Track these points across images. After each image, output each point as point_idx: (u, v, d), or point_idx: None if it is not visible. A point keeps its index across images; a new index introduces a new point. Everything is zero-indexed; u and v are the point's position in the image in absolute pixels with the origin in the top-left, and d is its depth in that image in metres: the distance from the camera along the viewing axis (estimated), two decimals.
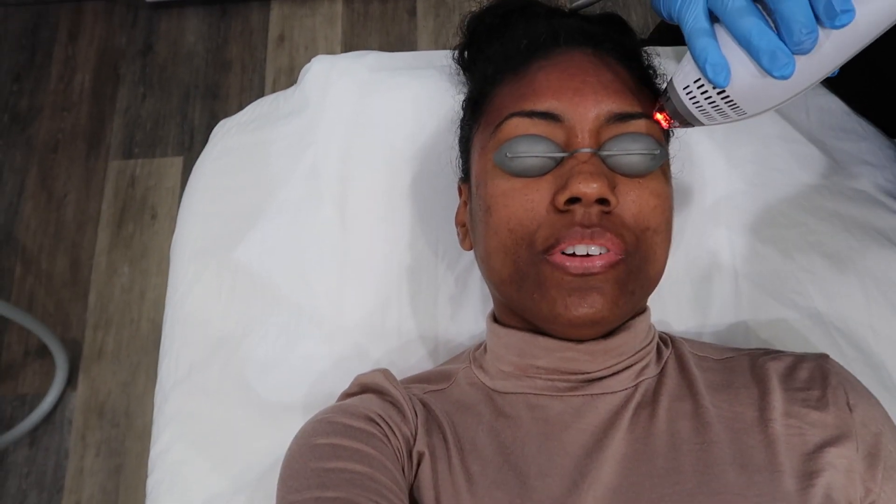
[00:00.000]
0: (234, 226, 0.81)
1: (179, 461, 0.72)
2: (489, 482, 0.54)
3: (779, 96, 0.50)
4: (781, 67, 0.45)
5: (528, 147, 0.56)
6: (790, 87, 0.49)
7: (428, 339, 0.75)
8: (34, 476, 1.38)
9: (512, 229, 0.56)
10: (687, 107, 0.52)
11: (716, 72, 0.47)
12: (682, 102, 0.52)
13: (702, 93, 0.51)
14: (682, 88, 0.52)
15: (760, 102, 0.50)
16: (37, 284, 1.51)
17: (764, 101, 0.50)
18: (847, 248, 0.76)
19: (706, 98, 0.51)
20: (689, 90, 0.51)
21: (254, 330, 0.76)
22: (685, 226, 0.78)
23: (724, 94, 0.49)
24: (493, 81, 0.63)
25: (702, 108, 0.52)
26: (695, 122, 0.54)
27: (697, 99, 0.51)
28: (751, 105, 0.50)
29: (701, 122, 0.54)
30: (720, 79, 0.47)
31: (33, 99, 1.67)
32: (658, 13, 0.54)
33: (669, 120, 0.56)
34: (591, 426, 0.56)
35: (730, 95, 0.49)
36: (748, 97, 0.49)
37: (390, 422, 0.56)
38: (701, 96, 0.51)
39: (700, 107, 0.52)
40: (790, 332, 0.74)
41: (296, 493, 0.51)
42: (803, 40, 0.44)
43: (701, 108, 0.52)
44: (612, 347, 0.58)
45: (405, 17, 1.72)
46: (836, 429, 0.55)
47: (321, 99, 0.83)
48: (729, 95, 0.49)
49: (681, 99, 0.52)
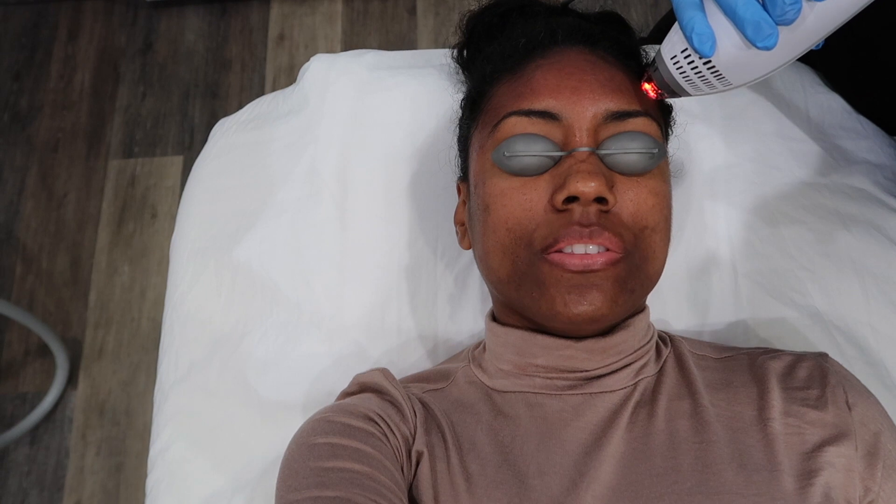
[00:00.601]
0: (233, 225, 0.81)
1: (179, 460, 0.72)
2: (488, 481, 0.54)
3: (764, 67, 0.50)
4: (765, 38, 0.46)
5: (526, 146, 0.56)
6: (775, 59, 0.49)
7: (427, 337, 0.75)
8: (35, 475, 1.38)
9: (510, 229, 0.56)
10: (674, 76, 0.53)
11: (701, 41, 0.48)
12: (670, 72, 0.53)
13: (689, 63, 0.51)
14: (670, 58, 0.52)
15: (745, 73, 0.51)
16: (37, 283, 1.52)
17: (749, 72, 0.51)
18: (846, 246, 0.76)
19: (693, 68, 0.51)
20: (676, 60, 0.52)
21: (253, 329, 0.76)
22: (684, 224, 0.77)
23: (710, 65, 0.50)
24: (492, 80, 0.63)
25: (688, 78, 0.52)
26: (681, 92, 0.54)
27: (684, 69, 0.52)
28: (736, 75, 0.51)
29: (687, 92, 0.54)
30: (706, 48, 0.48)
31: (33, 98, 1.67)
32: None
33: (657, 90, 0.56)
34: (590, 425, 0.56)
35: (716, 66, 0.50)
36: (733, 67, 0.50)
37: (389, 421, 0.56)
38: (688, 66, 0.51)
39: (687, 77, 0.52)
40: (789, 331, 0.74)
41: (295, 491, 0.51)
42: (787, 11, 0.45)
43: (687, 78, 0.52)
44: (610, 346, 0.58)
45: (405, 16, 1.72)
46: (835, 428, 0.55)
47: (320, 98, 0.83)
48: (715, 66, 0.50)
49: (668, 69, 0.53)
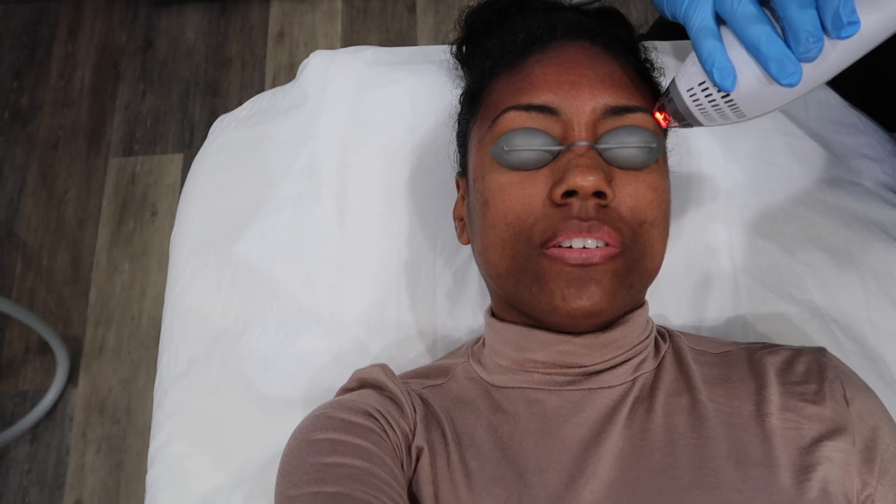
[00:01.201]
0: (233, 221, 0.81)
1: (179, 455, 0.72)
2: (487, 477, 0.54)
3: (780, 100, 0.51)
4: (789, 76, 0.46)
5: (525, 140, 0.56)
6: (792, 92, 0.50)
7: (426, 333, 0.75)
8: (35, 472, 1.38)
9: (509, 223, 0.56)
10: (689, 108, 0.53)
11: (723, 76, 0.48)
12: (685, 103, 0.53)
13: (706, 95, 0.52)
14: (686, 90, 0.53)
15: (762, 106, 0.51)
16: (38, 281, 1.52)
17: (766, 105, 0.51)
18: (846, 241, 0.76)
19: (709, 100, 0.52)
20: (692, 92, 0.52)
21: (253, 325, 0.76)
22: (683, 219, 0.77)
23: (728, 98, 0.51)
24: (491, 76, 0.63)
25: (704, 109, 0.53)
26: (695, 122, 0.55)
27: (700, 101, 0.52)
28: (752, 108, 0.51)
29: (700, 123, 0.54)
30: (727, 83, 0.48)
31: (34, 96, 1.67)
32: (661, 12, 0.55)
33: (668, 119, 0.56)
34: (589, 421, 0.56)
35: (734, 99, 0.50)
36: (751, 101, 0.50)
37: (389, 417, 0.56)
38: (704, 99, 0.52)
39: (702, 108, 0.53)
40: (789, 326, 0.74)
41: (294, 487, 0.51)
42: (810, 49, 0.45)
43: (703, 110, 0.53)
44: (609, 341, 0.58)
45: (405, 13, 1.72)
46: (833, 422, 0.55)
47: (320, 94, 0.83)
48: (733, 99, 0.50)
49: (683, 100, 0.53)
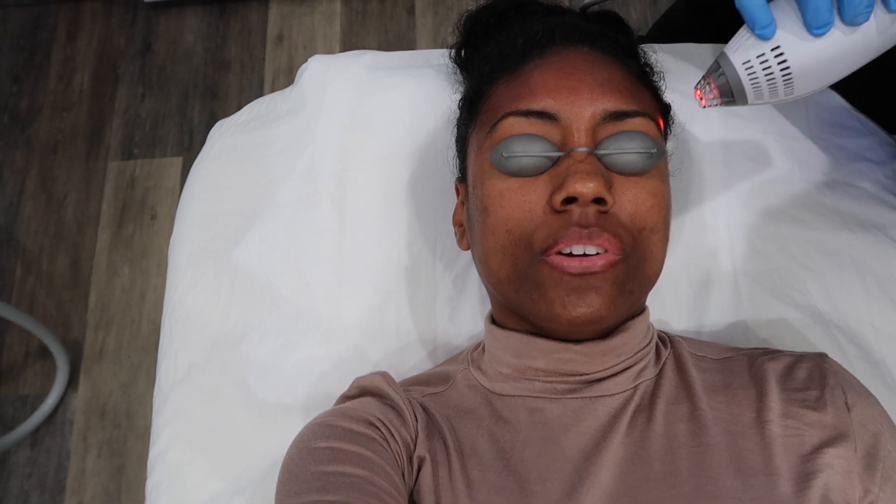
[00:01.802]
0: (232, 226, 0.80)
1: (178, 462, 0.72)
2: (489, 487, 0.53)
3: (834, 74, 0.51)
4: (822, 26, 0.47)
5: (524, 146, 0.55)
6: (845, 65, 0.50)
7: (426, 340, 0.75)
8: (36, 477, 1.38)
9: (510, 230, 0.56)
10: (742, 82, 0.52)
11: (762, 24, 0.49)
12: (738, 77, 0.52)
13: (763, 67, 0.51)
14: (742, 62, 0.52)
15: (815, 80, 0.51)
16: (37, 285, 1.51)
17: (819, 79, 0.51)
18: (847, 245, 0.76)
19: (766, 73, 0.51)
20: (749, 64, 0.51)
21: (252, 330, 0.76)
22: (683, 224, 0.77)
23: (786, 69, 0.50)
24: (490, 80, 0.63)
25: (757, 83, 0.52)
26: (741, 99, 0.54)
27: (756, 74, 0.51)
28: (805, 83, 0.51)
29: (747, 100, 0.53)
30: (768, 31, 0.49)
31: (33, 99, 1.67)
32: None
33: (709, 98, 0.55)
34: (590, 429, 0.56)
35: (790, 70, 0.50)
36: (807, 73, 0.50)
37: (389, 425, 0.56)
38: (761, 71, 0.51)
39: (756, 82, 0.52)
40: (790, 331, 0.73)
41: (294, 496, 0.51)
42: (860, 13, 0.46)
43: (756, 84, 0.52)
44: (610, 348, 0.57)
45: (404, 16, 1.72)
46: (834, 429, 0.54)
47: (318, 99, 0.83)
48: (790, 70, 0.50)
49: (737, 73, 0.52)
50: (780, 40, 0.50)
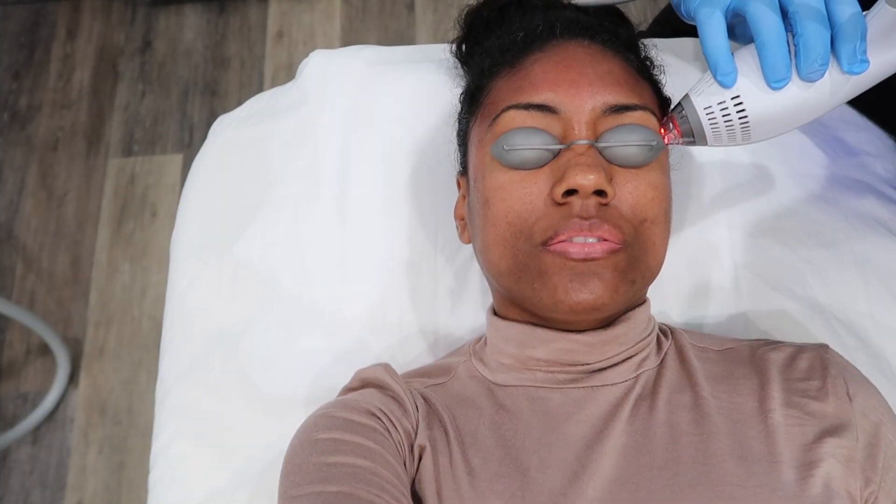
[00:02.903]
0: (233, 221, 0.81)
1: (181, 456, 0.72)
2: (490, 475, 0.54)
3: (789, 124, 0.54)
4: (779, 80, 0.50)
5: (525, 139, 0.56)
6: (801, 118, 0.53)
7: (428, 332, 0.75)
8: (37, 474, 1.38)
9: (510, 222, 0.56)
10: (702, 126, 0.54)
11: (724, 72, 0.51)
12: (699, 121, 0.54)
13: (723, 114, 0.53)
14: (704, 108, 0.54)
15: (772, 129, 0.54)
16: (38, 283, 1.52)
17: (775, 129, 0.54)
18: (846, 237, 0.76)
19: (725, 119, 0.53)
20: (710, 110, 0.53)
21: (254, 324, 0.76)
22: (684, 217, 0.77)
23: (744, 118, 0.52)
24: (490, 74, 0.63)
25: (717, 129, 0.54)
26: (701, 141, 0.56)
27: (716, 119, 0.53)
28: (762, 131, 0.54)
29: (706, 142, 0.56)
30: (728, 80, 0.51)
31: (33, 97, 1.67)
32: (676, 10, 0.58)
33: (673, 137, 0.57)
34: (592, 418, 0.56)
35: (748, 118, 0.52)
36: (763, 122, 0.53)
37: (391, 416, 0.56)
38: (721, 118, 0.53)
39: (715, 127, 0.54)
40: (790, 323, 0.74)
41: (297, 487, 0.52)
42: (815, 70, 0.49)
43: (716, 129, 0.54)
44: (611, 338, 0.58)
45: (404, 12, 1.72)
46: (836, 419, 0.55)
47: (319, 93, 0.83)
48: (748, 119, 0.52)
49: (698, 117, 0.54)
50: (740, 89, 0.52)
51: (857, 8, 0.49)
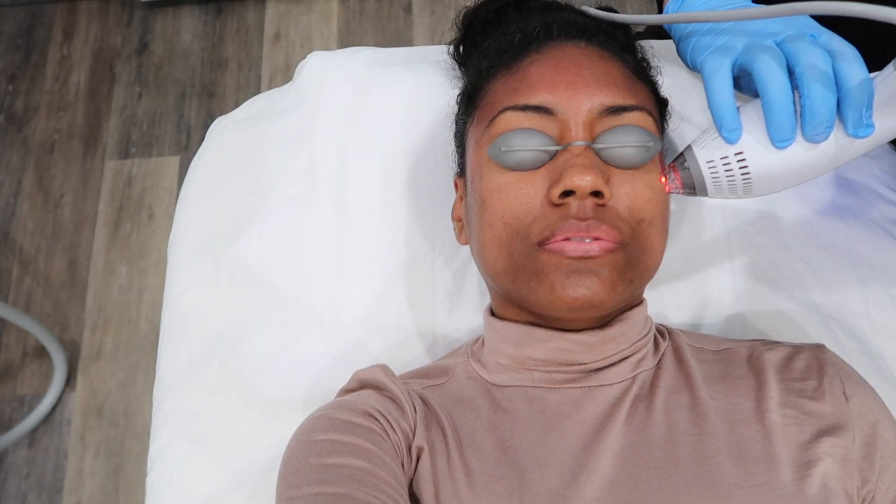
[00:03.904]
0: (231, 223, 0.80)
1: (179, 458, 0.72)
2: (488, 475, 0.54)
3: (791, 182, 0.54)
4: (784, 140, 0.50)
5: (522, 141, 0.56)
6: (803, 177, 0.53)
7: (426, 334, 0.75)
8: (34, 477, 1.38)
9: (507, 223, 0.56)
10: (703, 179, 0.55)
11: (729, 128, 0.52)
12: (701, 174, 0.55)
13: (725, 169, 0.53)
14: (706, 161, 0.54)
15: (773, 186, 0.54)
16: (34, 285, 1.51)
17: (777, 186, 0.54)
18: (843, 238, 0.76)
19: (727, 174, 0.53)
20: (712, 164, 0.54)
21: (252, 327, 0.76)
22: (682, 217, 0.78)
23: (746, 174, 0.53)
24: (487, 76, 0.63)
25: (718, 182, 0.54)
26: (702, 192, 0.56)
27: (718, 174, 0.54)
28: (763, 187, 0.54)
29: (707, 193, 0.56)
30: (732, 136, 0.52)
31: (29, 99, 1.67)
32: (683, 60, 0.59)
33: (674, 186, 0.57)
34: (590, 418, 0.56)
35: (750, 175, 0.52)
36: (765, 180, 0.53)
37: (389, 417, 0.56)
38: (723, 172, 0.53)
39: (717, 181, 0.54)
40: (787, 323, 0.74)
41: (295, 488, 0.51)
42: (819, 133, 0.49)
43: (717, 183, 0.54)
44: (608, 338, 0.58)
45: (401, 14, 1.72)
46: (833, 418, 0.55)
47: (317, 95, 0.83)
48: (750, 175, 0.52)
49: (700, 170, 0.54)
50: (743, 146, 0.52)
51: (864, 73, 0.49)
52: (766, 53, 0.51)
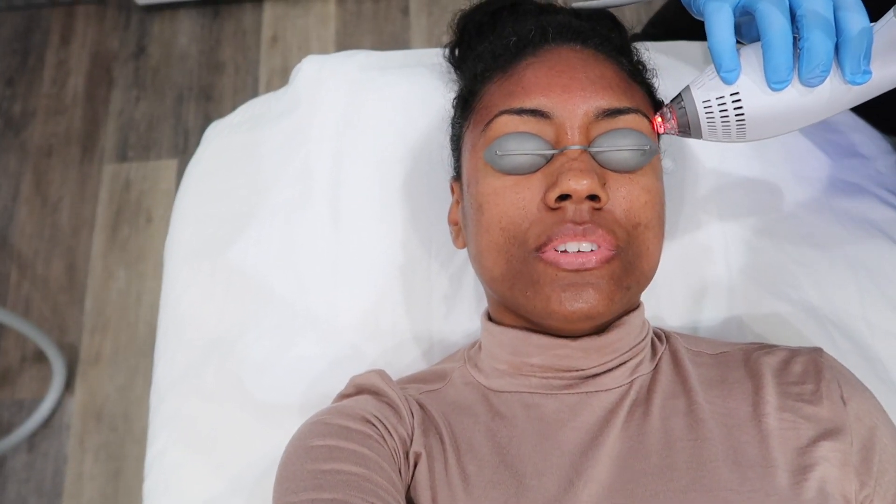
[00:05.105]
0: (227, 227, 0.80)
1: (176, 464, 0.72)
2: (485, 482, 0.54)
3: (784, 127, 0.53)
4: (780, 82, 0.49)
5: (518, 145, 0.56)
6: (796, 122, 0.53)
7: (422, 338, 0.75)
8: (33, 482, 1.37)
9: (504, 228, 0.56)
10: (699, 119, 0.54)
11: (728, 68, 0.51)
12: (696, 114, 0.54)
13: (720, 109, 0.53)
14: (702, 101, 0.54)
15: (766, 130, 0.54)
16: (33, 289, 1.51)
17: (770, 130, 0.54)
18: (840, 240, 0.76)
19: (722, 115, 0.53)
20: (708, 104, 0.53)
21: (248, 331, 0.76)
22: (678, 220, 0.77)
23: (740, 116, 0.52)
24: (483, 79, 0.63)
25: (713, 123, 0.54)
26: (695, 134, 0.56)
27: (713, 114, 0.53)
28: (757, 131, 0.53)
29: (701, 136, 0.55)
30: (731, 76, 0.51)
31: (26, 103, 1.67)
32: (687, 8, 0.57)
33: (666, 127, 0.57)
34: (587, 424, 0.56)
35: (745, 116, 0.52)
36: (759, 122, 0.53)
37: (386, 423, 0.56)
38: (718, 112, 0.53)
39: (711, 122, 0.54)
40: (784, 326, 0.74)
41: (292, 494, 0.51)
42: (816, 76, 0.49)
43: (711, 124, 0.54)
44: (606, 344, 0.58)
45: (398, 16, 1.72)
46: (831, 423, 0.55)
47: (312, 99, 0.83)
48: (744, 116, 0.52)
49: (696, 110, 0.54)
50: (740, 87, 0.52)
51: (865, 19, 0.49)
52: None
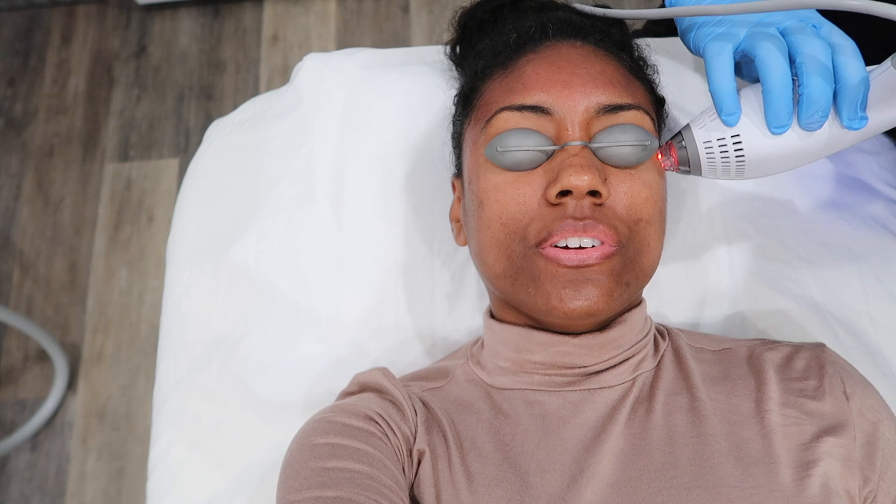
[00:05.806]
0: (229, 226, 0.80)
1: (179, 462, 0.72)
2: (489, 479, 0.54)
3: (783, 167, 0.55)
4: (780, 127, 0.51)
5: (519, 141, 0.56)
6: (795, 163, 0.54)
7: (425, 335, 0.75)
8: (36, 481, 1.38)
9: (504, 223, 0.56)
10: (699, 158, 0.55)
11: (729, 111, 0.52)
12: (697, 153, 0.55)
13: (721, 150, 0.54)
14: (703, 141, 0.55)
15: (765, 170, 0.55)
16: (35, 289, 1.51)
17: (768, 170, 0.55)
18: (843, 235, 0.76)
19: (722, 155, 0.54)
20: (709, 144, 0.55)
21: (251, 329, 0.76)
22: (680, 216, 0.77)
23: (740, 157, 0.53)
24: (484, 76, 0.63)
25: (713, 162, 0.55)
26: (697, 171, 0.57)
27: (713, 154, 0.55)
28: (755, 171, 0.55)
29: (701, 173, 0.57)
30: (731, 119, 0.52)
31: (28, 103, 1.67)
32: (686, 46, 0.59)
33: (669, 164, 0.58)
34: (589, 421, 0.56)
35: (745, 157, 0.53)
36: (758, 163, 0.54)
37: (390, 420, 0.56)
38: (718, 153, 0.54)
39: (712, 161, 0.55)
40: (787, 322, 0.73)
41: (296, 492, 0.51)
42: (814, 122, 0.50)
43: (711, 163, 0.55)
44: (608, 341, 0.58)
45: (399, 14, 1.72)
46: (834, 418, 0.55)
47: (314, 97, 0.83)
48: (744, 157, 0.53)
49: (697, 149, 0.55)
50: (741, 129, 0.53)
51: (862, 66, 0.49)
52: (769, 41, 0.51)
